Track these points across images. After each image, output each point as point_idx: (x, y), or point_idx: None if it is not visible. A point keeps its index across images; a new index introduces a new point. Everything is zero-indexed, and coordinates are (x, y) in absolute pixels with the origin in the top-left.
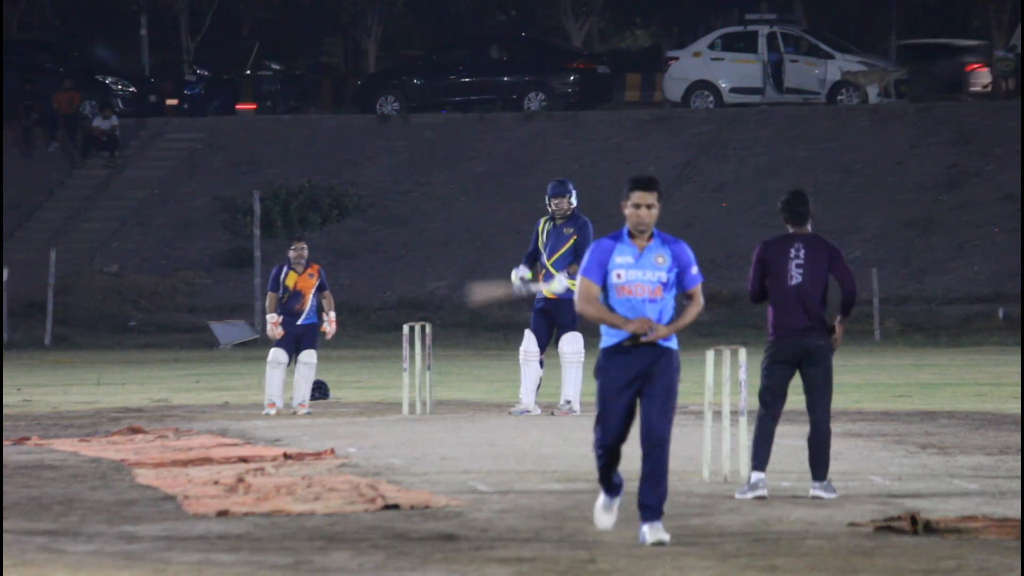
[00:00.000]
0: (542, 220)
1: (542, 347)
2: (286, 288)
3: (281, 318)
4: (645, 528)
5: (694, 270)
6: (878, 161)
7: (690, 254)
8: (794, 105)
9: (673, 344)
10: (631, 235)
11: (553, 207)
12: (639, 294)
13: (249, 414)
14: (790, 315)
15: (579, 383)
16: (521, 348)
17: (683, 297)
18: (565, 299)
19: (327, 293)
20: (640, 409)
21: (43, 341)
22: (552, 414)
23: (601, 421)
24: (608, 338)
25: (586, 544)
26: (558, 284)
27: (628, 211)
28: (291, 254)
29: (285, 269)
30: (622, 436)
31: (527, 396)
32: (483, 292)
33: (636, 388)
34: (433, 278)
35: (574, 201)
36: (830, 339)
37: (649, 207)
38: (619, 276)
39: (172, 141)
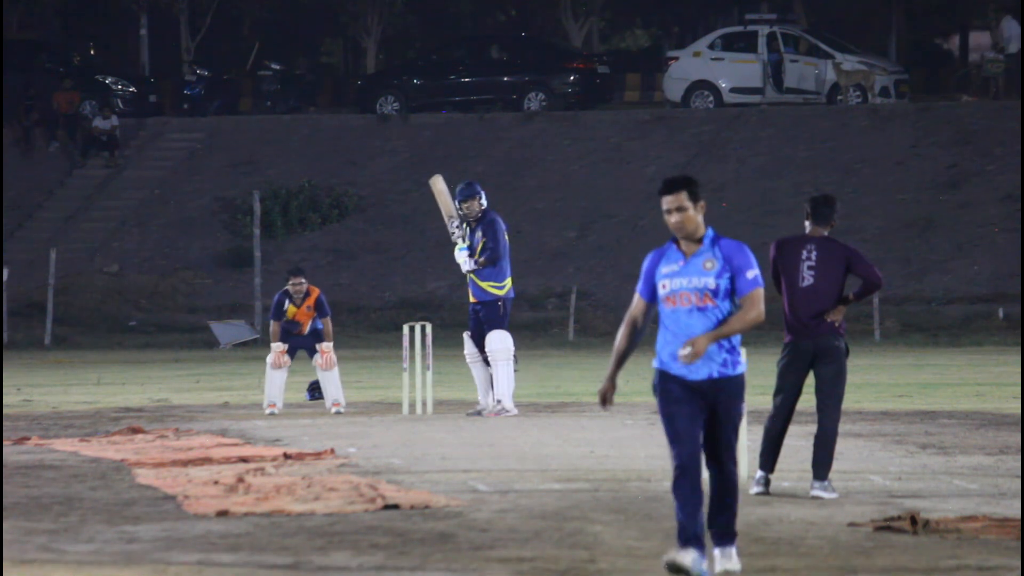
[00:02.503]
0: (464, 225)
1: (481, 347)
2: (284, 316)
3: (286, 346)
4: (716, 552)
5: (750, 274)
6: (878, 161)
7: (746, 257)
8: (794, 105)
9: (733, 369)
10: (678, 242)
11: (464, 210)
12: (684, 304)
13: (249, 414)
14: (803, 316)
15: (508, 381)
16: (464, 352)
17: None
18: (486, 300)
19: (327, 320)
20: (704, 437)
21: (43, 341)
22: (479, 414)
23: (668, 436)
24: (657, 362)
25: (586, 544)
26: (463, 260)
27: (666, 219)
28: (289, 288)
29: (287, 302)
30: (694, 450)
31: (482, 397)
32: (444, 194)
33: (698, 403)
34: (433, 278)
35: (484, 202)
36: (842, 339)
37: (680, 210)
38: (664, 286)
39: (172, 141)
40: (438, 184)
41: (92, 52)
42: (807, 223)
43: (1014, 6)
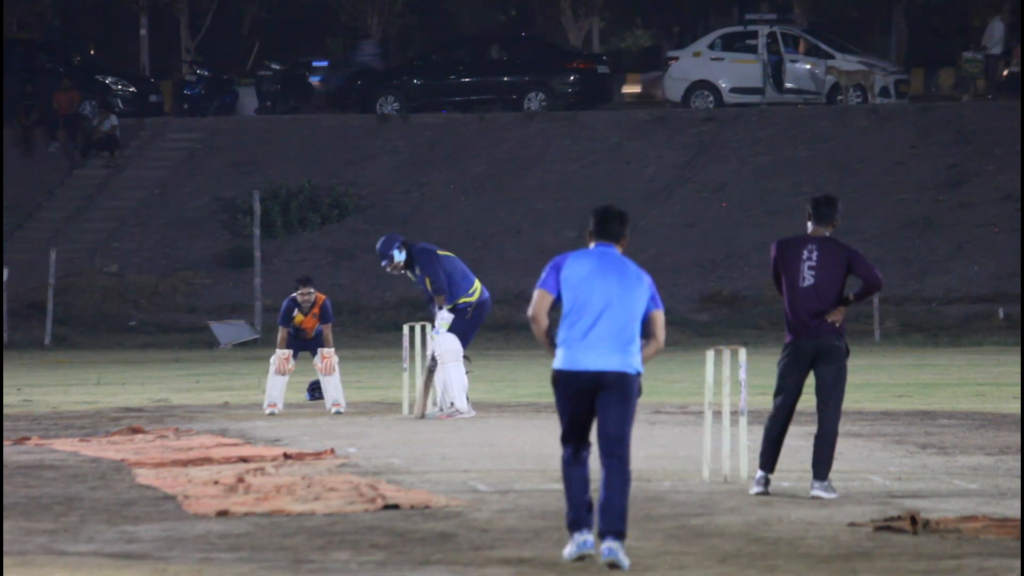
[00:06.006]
0: (406, 273)
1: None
2: (292, 323)
3: (291, 352)
4: (603, 547)
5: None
6: (878, 161)
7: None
8: (794, 105)
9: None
10: None
11: (389, 269)
12: None
13: (249, 414)
14: (804, 316)
15: (460, 382)
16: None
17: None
18: (457, 309)
19: (327, 327)
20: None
21: (43, 341)
22: (425, 416)
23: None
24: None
25: None
26: (442, 324)
27: None
28: (298, 297)
29: (295, 310)
30: (582, 434)
31: (460, 401)
32: (423, 404)
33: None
34: None
35: (402, 255)
36: (843, 339)
37: None
38: None
39: (172, 141)
40: (423, 409)
41: (92, 52)
42: (809, 223)
43: (1011, 7)
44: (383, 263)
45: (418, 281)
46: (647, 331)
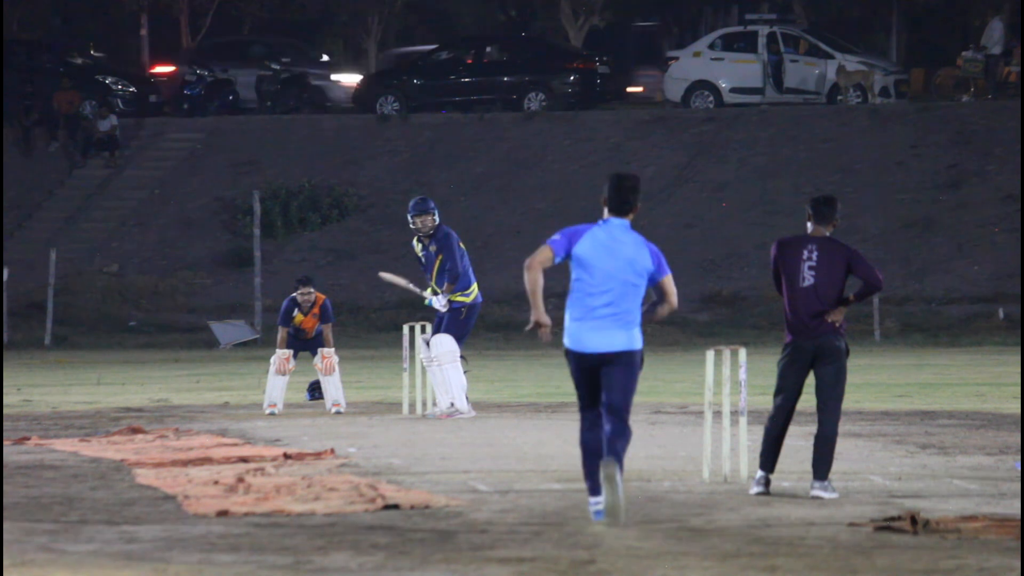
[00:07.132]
0: (414, 241)
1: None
2: (292, 323)
3: (291, 352)
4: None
5: None
6: (878, 161)
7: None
8: (794, 105)
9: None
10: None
11: (418, 224)
12: None
13: (249, 414)
14: (804, 316)
15: (458, 382)
16: (420, 356)
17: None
18: (452, 308)
19: (328, 327)
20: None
21: (43, 341)
22: (425, 416)
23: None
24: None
25: (586, 544)
26: (438, 303)
27: None
28: (298, 297)
29: (295, 310)
30: (594, 402)
31: (460, 401)
32: (390, 277)
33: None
34: None
35: (436, 218)
36: (843, 339)
37: None
38: None
39: (172, 141)
40: (386, 278)
41: (92, 52)
42: (808, 223)
43: (1011, 7)
44: (415, 216)
45: (424, 258)
46: (660, 295)
